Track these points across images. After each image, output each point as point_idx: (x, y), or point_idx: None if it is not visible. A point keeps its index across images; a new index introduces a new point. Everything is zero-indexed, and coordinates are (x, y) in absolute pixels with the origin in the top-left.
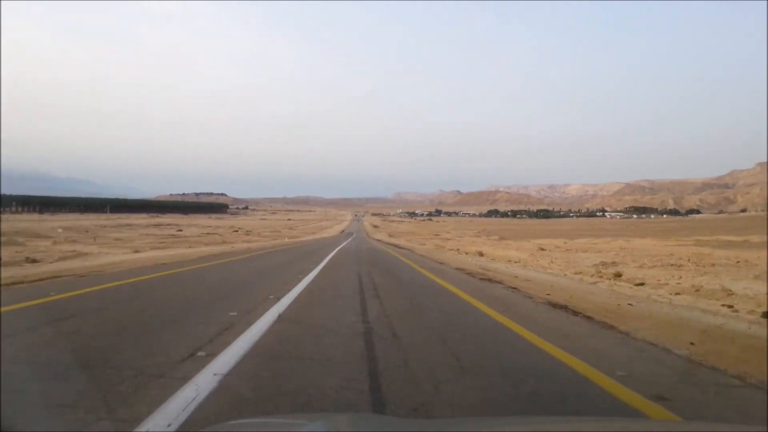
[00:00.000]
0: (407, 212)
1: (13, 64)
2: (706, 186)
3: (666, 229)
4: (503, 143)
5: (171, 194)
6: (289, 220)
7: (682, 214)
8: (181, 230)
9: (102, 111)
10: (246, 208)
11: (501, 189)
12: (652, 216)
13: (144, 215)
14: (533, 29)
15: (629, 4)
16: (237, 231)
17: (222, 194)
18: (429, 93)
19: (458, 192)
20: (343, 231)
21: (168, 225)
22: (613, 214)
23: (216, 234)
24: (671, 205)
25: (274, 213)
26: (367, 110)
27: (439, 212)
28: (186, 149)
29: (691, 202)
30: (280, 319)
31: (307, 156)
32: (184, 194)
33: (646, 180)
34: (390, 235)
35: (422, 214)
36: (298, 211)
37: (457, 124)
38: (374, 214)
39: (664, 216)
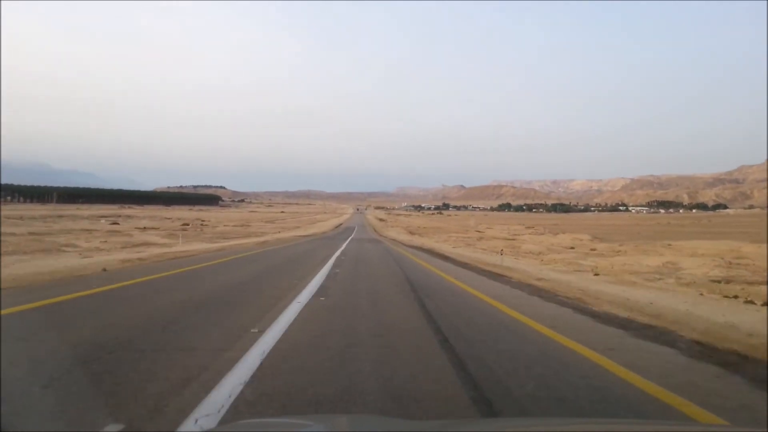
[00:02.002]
0: (413, 206)
1: (18, 60)
2: (717, 181)
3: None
4: (505, 139)
5: (169, 187)
6: (282, 212)
7: (710, 209)
8: (117, 224)
9: (106, 105)
10: (242, 201)
11: (504, 184)
12: (681, 211)
13: (113, 206)
14: (535, 24)
15: None
16: (187, 225)
17: (221, 187)
18: (432, 88)
19: (462, 186)
20: (339, 226)
21: (117, 217)
22: (638, 208)
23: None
24: (686, 200)
25: (269, 206)
26: (369, 105)
27: (446, 206)
28: (189, 143)
29: (707, 197)
30: None
31: (309, 150)
32: (181, 186)
33: (651, 175)
34: (411, 233)
35: (429, 208)
36: (297, 204)
37: (458, 119)
38: (377, 208)
39: (694, 211)
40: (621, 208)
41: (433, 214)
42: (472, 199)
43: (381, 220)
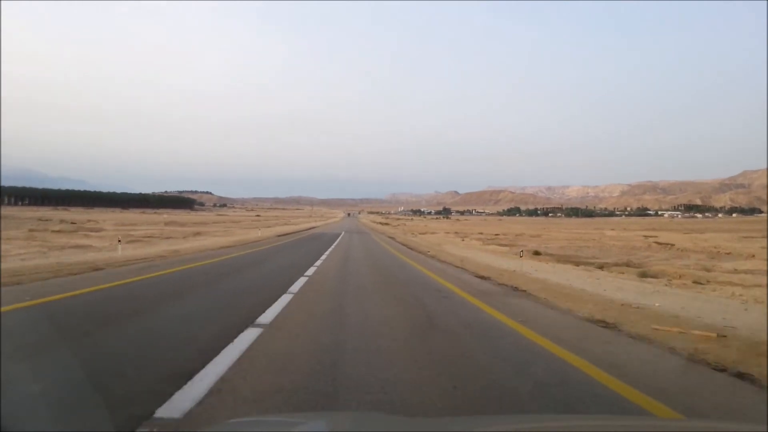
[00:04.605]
0: (411, 210)
1: (7, 64)
2: (724, 186)
3: None
4: (498, 145)
5: (154, 192)
6: (258, 216)
7: (750, 213)
8: None
9: (95, 111)
10: (224, 205)
11: (500, 190)
12: (720, 215)
13: (45, 209)
14: (530, 27)
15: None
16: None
17: (207, 192)
18: (424, 94)
19: (456, 192)
20: (304, 231)
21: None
22: (671, 213)
23: None
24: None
25: (250, 210)
26: (361, 111)
27: (448, 210)
28: (179, 149)
29: (721, 201)
30: None
31: (300, 157)
32: (166, 192)
33: (649, 181)
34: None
35: (429, 213)
36: (283, 209)
37: (450, 125)
38: (371, 213)
39: (734, 215)
40: (650, 212)
41: (438, 218)
42: (469, 204)
43: (384, 224)
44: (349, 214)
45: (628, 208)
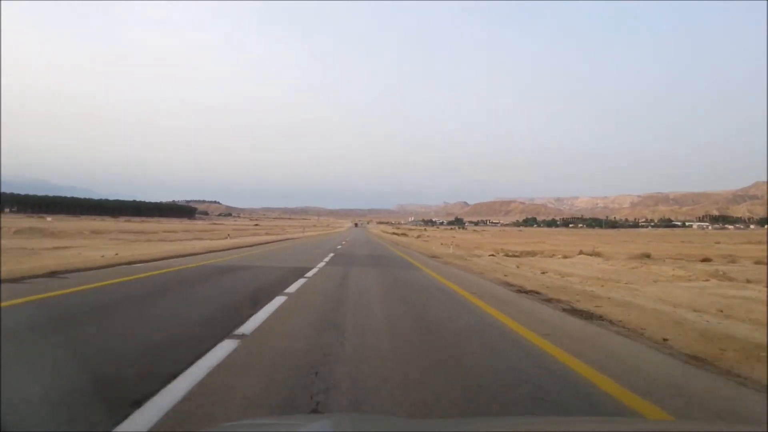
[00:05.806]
0: (422, 221)
1: (12, 74)
2: (737, 197)
3: None
4: (507, 156)
5: (162, 201)
6: (256, 225)
7: None
8: None
9: (102, 120)
10: (229, 215)
11: (508, 201)
12: (752, 226)
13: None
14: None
15: (638, 4)
16: None
17: (214, 202)
18: (432, 103)
19: (465, 203)
20: (256, 245)
21: None
22: (699, 224)
23: None
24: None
25: (253, 220)
26: (368, 121)
27: (461, 221)
28: (187, 159)
29: (739, 212)
30: None
31: (309, 167)
32: (174, 201)
33: (659, 192)
34: None
35: (441, 223)
36: (289, 218)
37: (458, 135)
38: (380, 223)
39: (766, 226)
40: (677, 223)
41: (453, 229)
42: (479, 215)
43: (400, 234)
44: (356, 224)
45: (651, 220)
